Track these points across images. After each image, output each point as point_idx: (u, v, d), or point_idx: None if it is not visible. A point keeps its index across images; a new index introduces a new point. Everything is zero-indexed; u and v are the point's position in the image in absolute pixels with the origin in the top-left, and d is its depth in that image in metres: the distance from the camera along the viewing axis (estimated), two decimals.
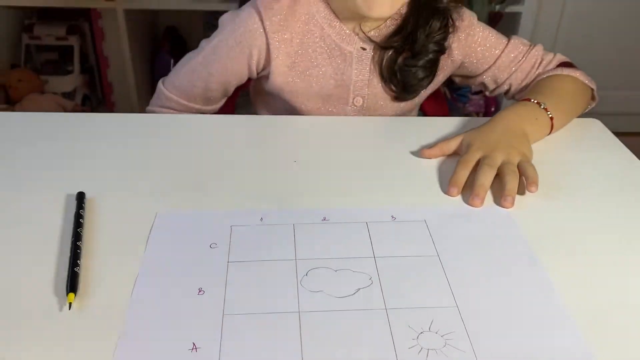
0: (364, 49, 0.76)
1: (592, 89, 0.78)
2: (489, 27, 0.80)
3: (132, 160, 0.64)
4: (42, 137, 0.68)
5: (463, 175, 0.61)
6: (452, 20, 0.76)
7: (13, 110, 1.59)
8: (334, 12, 0.75)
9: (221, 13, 0.81)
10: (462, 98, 1.90)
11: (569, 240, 0.54)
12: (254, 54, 0.76)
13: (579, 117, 0.75)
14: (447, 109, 1.06)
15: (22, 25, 1.79)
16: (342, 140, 0.70)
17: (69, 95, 1.77)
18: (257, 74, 0.79)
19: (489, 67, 0.80)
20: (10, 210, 0.55)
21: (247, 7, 0.76)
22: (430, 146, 0.66)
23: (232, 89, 0.82)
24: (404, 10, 0.76)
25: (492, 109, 1.88)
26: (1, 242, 0.51)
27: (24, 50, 1.78)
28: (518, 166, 0.61)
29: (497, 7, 1.69)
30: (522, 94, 0.78)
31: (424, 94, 0.82)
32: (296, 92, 0.78)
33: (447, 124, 0.73)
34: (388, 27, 0.76)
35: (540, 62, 0.79)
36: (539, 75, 0.78)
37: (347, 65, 0.77)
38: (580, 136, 0.72)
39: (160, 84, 0.82)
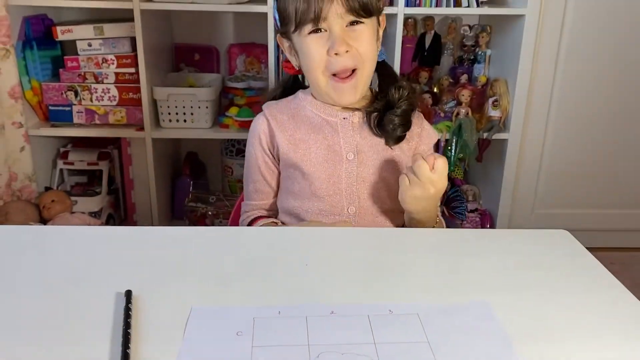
0: (345, 118, 0.99)
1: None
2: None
3: (170, 265, 0.75)
4: (88, 246, 0.80)
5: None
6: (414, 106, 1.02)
7: None
8: (319, 101, 1.00)
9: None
10: (460, 216, 2.03)
11: (540, 331, 0.63)
12: (262, 136, 1.02)
13: (550, 229, 0.88)
14: (445, 226, 1.19)
15: (58, 152, 1.99)
16: (346, 247, 0.82)
17: (95, 215, 1.92)
18: (274, 156, 1.03)
19: None
20: (71, 305, 0.66)
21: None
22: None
23: (270, 179, 1.05)
24: (369, 95, 1.02)
25: (487, 226, 2.01)
26: (65, 330, 0.61)
27: (58, 173, 1.97)
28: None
29: (485, 135, 1.88)
30: None
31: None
32: (300, 158, 0.99)
33: (439, 235, 0.85)
34: (367, 99, 1.01)
35: None
36: None
37: (334, 131, 0.99)
38: (551, 245, 0.84)
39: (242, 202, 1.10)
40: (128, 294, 0.67)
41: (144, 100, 1.80)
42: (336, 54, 0.92)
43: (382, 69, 1.03)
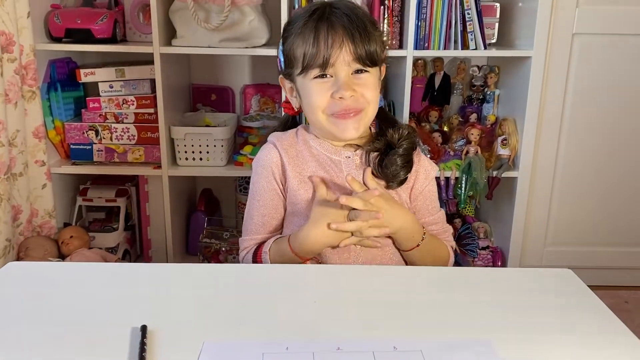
0: (348, 157, 1.03)
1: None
2: (435, 191, 1.09)
3: (184, 301, 0.78)
4: (104, 282, 0.84)
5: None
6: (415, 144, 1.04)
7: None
8: (322, 138, 1.03)
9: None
10: (472, 253, 2.04)
11: None
12: (275, 169, 1.03)
13: (555, 267, 0.90)
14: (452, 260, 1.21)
15: (77, 189, 2.05)
16: (353, 284, 0.85)
17: (112, 250, 1.96)
18: (284, 187, 1.04)
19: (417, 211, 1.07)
20: (88, 340, 0.69)
21: (264, 145, 1.07)
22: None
23: (280, 212, 1.06)
24: (368, 134, 1.05)
25: (499, 263, 2.01)
26: None
27: (77, 210, 2.02)
28: None
29: (495, 173, 1.90)
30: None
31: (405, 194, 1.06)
32: (309, 195, 1.01)
33: (443, 273, 0.88)
34: (365, 138, 1.04)
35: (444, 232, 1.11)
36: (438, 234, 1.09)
37: (338, 170, 1.02)
38: (554, 284, 0.86)
39: (240, 239, 1.09)
40: (143, 328, 0.70)
41: (162, 139, 1.86)
42: (341, 97, 0.95)
43: (381, 113, 1.06)
